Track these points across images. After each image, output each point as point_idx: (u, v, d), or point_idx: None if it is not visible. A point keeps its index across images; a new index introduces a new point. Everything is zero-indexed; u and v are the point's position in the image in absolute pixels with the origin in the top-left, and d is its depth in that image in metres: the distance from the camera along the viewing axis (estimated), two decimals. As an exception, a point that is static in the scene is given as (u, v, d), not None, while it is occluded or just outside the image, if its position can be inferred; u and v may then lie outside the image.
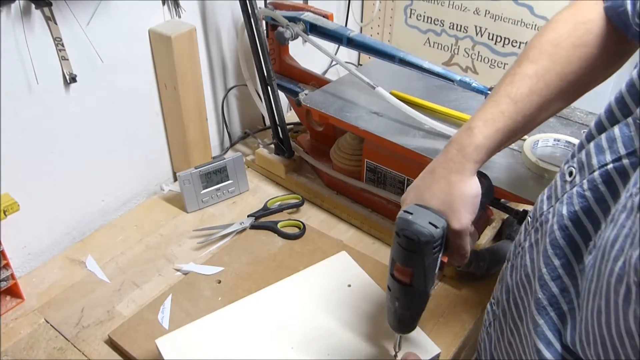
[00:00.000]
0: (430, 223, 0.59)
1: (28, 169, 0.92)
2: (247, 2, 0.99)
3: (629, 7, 0.54)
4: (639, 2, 0.52)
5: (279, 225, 1.03)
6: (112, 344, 0.82)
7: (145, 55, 1.03)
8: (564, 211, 0.46)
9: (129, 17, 0.97)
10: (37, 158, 0.93)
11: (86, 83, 0.95)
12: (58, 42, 0.87)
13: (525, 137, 0.90)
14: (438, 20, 1.40)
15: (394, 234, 0.61)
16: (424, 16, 1.42)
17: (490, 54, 1.36)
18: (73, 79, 0.91)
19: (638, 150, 0.41)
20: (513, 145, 0.90)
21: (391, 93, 0.98)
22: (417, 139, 0.92)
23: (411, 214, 0.60)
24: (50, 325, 0.85)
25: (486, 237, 0.99)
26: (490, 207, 0.94)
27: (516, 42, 1.30)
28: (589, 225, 0.44)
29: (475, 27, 1.35)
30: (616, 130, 0.43)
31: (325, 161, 1.12)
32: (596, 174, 0.43)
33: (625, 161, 0.41)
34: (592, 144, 0.45)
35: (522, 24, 1.27)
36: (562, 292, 0.46)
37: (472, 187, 0.61)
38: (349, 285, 0.85)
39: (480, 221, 0.91)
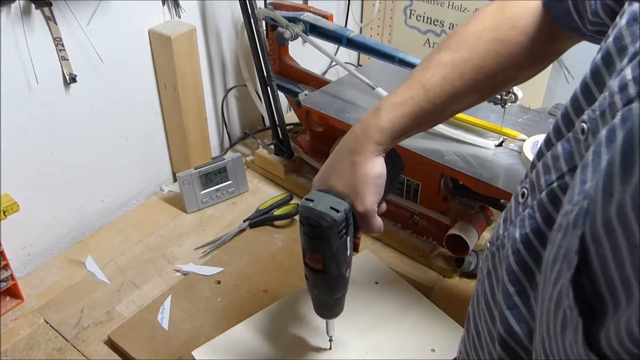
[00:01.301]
0: (331, 208, 0.60)
1: (28, 169, 0.92)
2: (247, 2, 0.99)
3: (592, 2, 0.51)
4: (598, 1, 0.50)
5: (275, 213, 1.04)
6: (111, 344, 0.82)
7: (145, 56, 1.03)
8: (517, 234, 0.44)
9: (129, 18, 0.97)
10: (37, 158, 0.93)
11: (86, 83, 0.94)
12: (58, 42, 0.87)
13: (525, 137, 0.90)
14: (438, 21, 1.40)
15: (299, 223, 0.62)
16: (424, 17, 1.42)
17: (490, 54, 1.36)
18: (73, 79, 0.91)
19: (579, 166, 0.40)
20: (513, 146, 0.90)
21: (391, 93, 0.98)
22: (416, 139, 0.92)
23: (312, 200, 0.61)
24: (50, 325, 0.85)
25: (486, 238, 0.99)
26: (490, 208, 0.94)
27: (516, 42, 1.30)
28: (540, 248, 0.43)
29: (475, 27, 1.35)
30: (559, 146, 0.42)
31: (325, 162, 1.12)
32: (544, 193, 0.42)
33: (568, 178, 0.40)
34: (540, 163, 0.44)
35: (522, 25, 1.27)
36: (519, 323, 0.44)
37: (375, 168, 0.61)
38: (377, 283, 0.87)
39: (480, 222, 0.91)
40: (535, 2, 0.59)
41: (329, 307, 0.70)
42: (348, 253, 0.64)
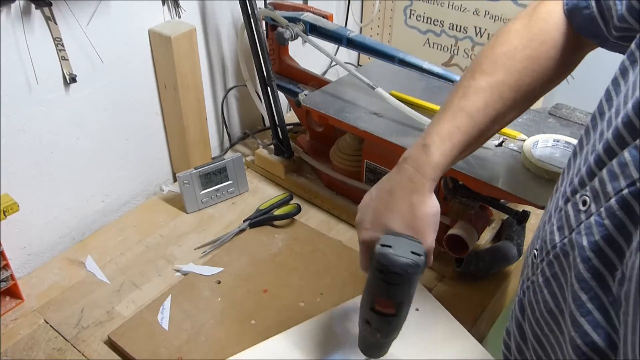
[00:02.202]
0: (412, 252, 0.58)
1: (28, 169, 0.92)
2: (247, 2, 0.99)
3: (618, 7, 0.53)
4: (624, 2, 0.51)
5: (275, 213, 1.04)
6: (111, 344, 0.82)
7: (145, 56, 1.03)
8: (585, 242, 0.44)
9: (129, 17, 0.97)
10: (37, 158, 0.93)
11: (86, 83, 0.94)
12: (58, 42, 0.87)
13: (525, 137, 0.90)
14: (438, 21, 1.40)
15: (374, 271, 0.60)
16: (424, 17, 1.42)
17: (490, 54, 1.36)
18: (73, 79, 0.91)
19: None
20: (513, 146, 0.90)
21: (391, 94, 0.98)
22: (417, 139, 0.92)
23: (390, 246, 0.58)
24: (50, 325, 0.85)
25: (486, 238, 0.99)
26: (490, 208, 0.94)
27: (516, 42, 1.30)
28: (612, 255, 0.43)
29: (475, 27, 1.35)
30: (626, 154, 0.42)
31: (324, 162, 1.12)
32: (612, 200, 0.42)
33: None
34: (604, 171, 0.44)
35: (522, 25, 1.27)
36: (595, 328, 0.44)
37: (433, 206, 0.62)
38: (417, 310, 0.83)
39: (480, 222, 0.91)
40: (558, 14, 0.60)
41: (383, 347, 0.68)
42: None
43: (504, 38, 0.62)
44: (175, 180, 1.19)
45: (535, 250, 0.53)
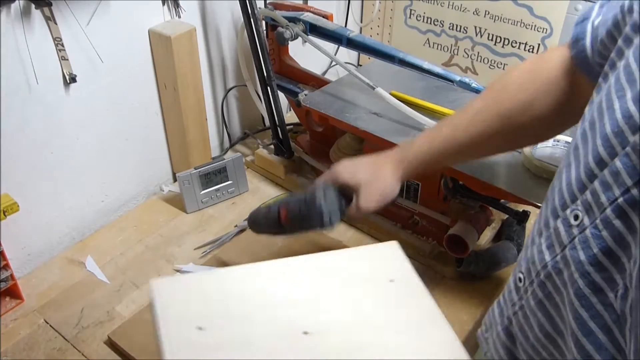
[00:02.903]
0: (332, 215, 0.75)
1: (28, 169, 0.92)
2: (247, 2, 0.99)
3: (588, 50, 0.55)
4: (606, 27, 0.51)
5: None
6: (111, 344, 0.82)
7: (145, 56, 1.03)
8: (582, 257, 0.43)
9: (129, 17, 0.97)
10: (37, 158, 0.93)
11: (86, 83, 0.94)
12: (58, 42, 0.87)
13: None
14: (438, 21, 1.40)
15: (305, 193, 0.77)
16: (424, 17, 1.42)
17: (490, 54, 1.36)
18: (73, 79, 0.91)
19: None
20: (513, 146, 0.90)
21: (391, 93, 0.98)
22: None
23: (325, 194, 0.75)
24: (50, 325, 0.85)
25: (486, 238, 0.99)
26: (490, 208, 0.94)
27: (516, 42, 1.30)
28: (611, 267, 0.42)
29: (475, 27, 1.35)
30: (617, 162, 0.42)
31: (325, 162, 1.12)
32: (608, 211, 0.42)
33: (634, 191, 0.40)
34: (596, 182, 0.43)
35: (522, 25, 1.27)
36: (598, 350, 0.43)
37: (393, 186, 0.74)
38: (391, 281, 0.69)
39: (480, 222, 0.91)
40: (562, 55, 0.62)
41: (262, 228, 0.86)
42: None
43: (509, 71, 0.67)
44: (175, 180, 1.19)
45: (520, 274, 0.52)
